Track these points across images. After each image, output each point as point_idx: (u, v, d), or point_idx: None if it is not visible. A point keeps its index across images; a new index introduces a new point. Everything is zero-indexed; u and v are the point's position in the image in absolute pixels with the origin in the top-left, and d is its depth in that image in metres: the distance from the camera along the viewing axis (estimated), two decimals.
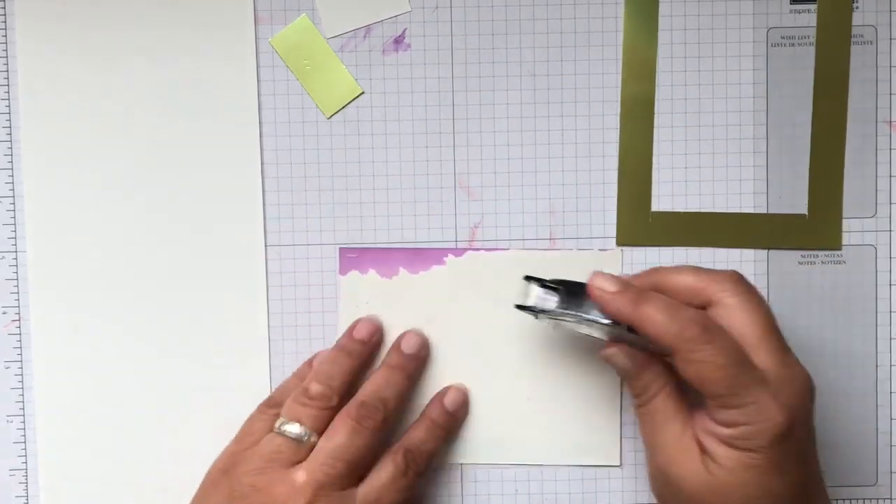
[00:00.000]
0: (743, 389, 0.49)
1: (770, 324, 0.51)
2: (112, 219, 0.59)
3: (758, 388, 0.49)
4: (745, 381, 0.49)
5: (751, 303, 0.51)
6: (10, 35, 0.59)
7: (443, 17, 0.60)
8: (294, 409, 0.55)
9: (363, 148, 0.60)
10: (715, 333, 0.50)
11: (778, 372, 0.50)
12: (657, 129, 0.60)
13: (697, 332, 0.50)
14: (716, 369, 0.49)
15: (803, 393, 0.50)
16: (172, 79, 0.59)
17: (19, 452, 0.60)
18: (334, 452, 0.54)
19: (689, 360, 0.50)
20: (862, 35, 0.59)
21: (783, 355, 0.51)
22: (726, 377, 0.49)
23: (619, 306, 0.52)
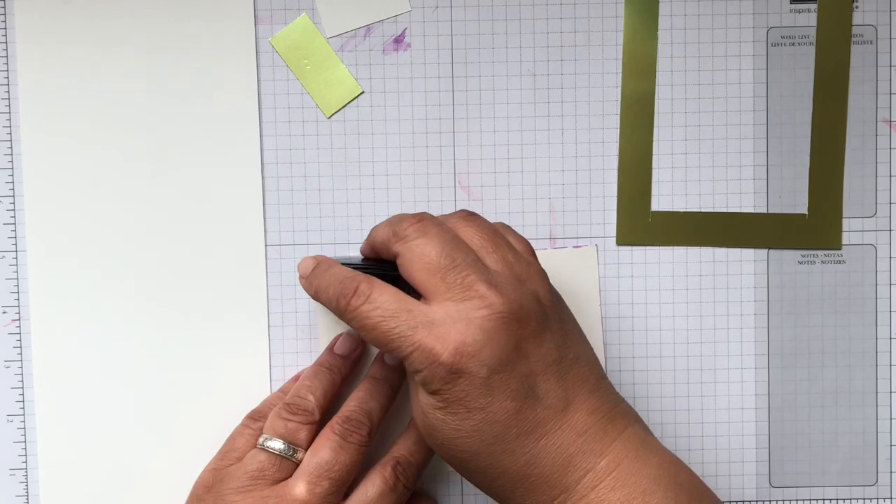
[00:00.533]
0: (399, 340, 0.48)
1: (444, 260, 0.49)
2: (112, 219, 0.59)
3: (417, 334, 0.48)
4: (402, 332, 0.48)
5: (423, 245, 0.50)
6: (10, 35, 0.59)
7: (443, 17, 0.60)
8: (276, 424, 0.55)
9: (363, 148, 0.60)
10: (365, 294, 0.50)
11: (449, 310, 0.48)
12: (657, 129, 0.60)
13: (346, 301, 0.50)
14: (370, 329, 0.49)
15: (480, 325, 0.48)
16: (172, 79, 0.59)
17: (19, 452, 0.60)
18: (319, 469, 0.54)
19: (352, 326, 0.50)
20: (862, 35, 0.59)
21: (460, 290, 0.49)
22: (380, 334, 0.49)
23: (306, 289, 0.55)
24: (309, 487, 0.53)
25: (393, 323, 0.49)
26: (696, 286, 0.60)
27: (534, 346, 0.49)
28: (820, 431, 0.61)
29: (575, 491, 0.49)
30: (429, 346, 0.48)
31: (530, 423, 0.49)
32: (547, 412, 0.49)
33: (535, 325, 0.49)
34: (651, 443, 0.50)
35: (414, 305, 0.49)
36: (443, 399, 0.49)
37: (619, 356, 0.60)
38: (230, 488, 0.54)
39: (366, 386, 0.57)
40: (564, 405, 0.49)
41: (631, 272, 0.60)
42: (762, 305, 0.60)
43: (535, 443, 0.49)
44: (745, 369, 0.60)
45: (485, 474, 0.50)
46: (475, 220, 0.52)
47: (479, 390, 0.48)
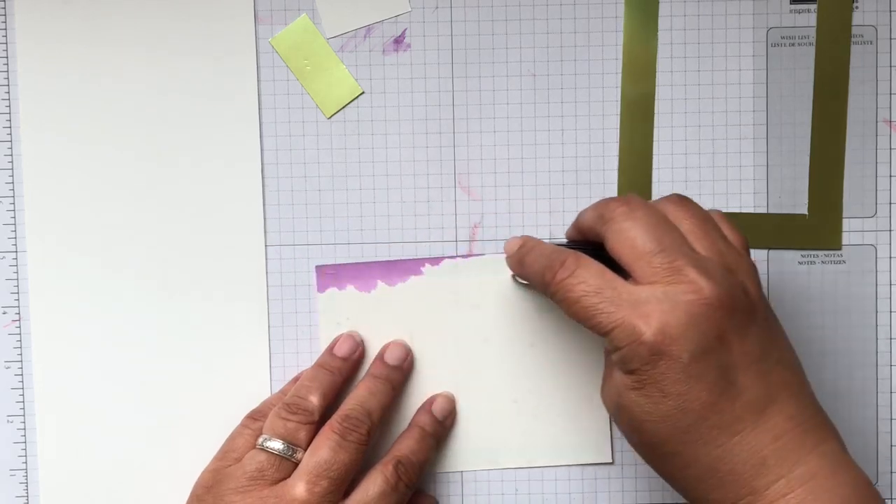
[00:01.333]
0: (601, 316, 0.48)
1: (652, 243, 0.49)
2: (112, 219, 0.59)
3: (620, 311, 0.48)
4: (605, 309, 0.48)
5: (631, 228, 0.49)
6: (10, 35, 0.59)
7: (443, 17, 0.60)
8: (275, 423, 0.55)
9: (363, 148, 0.60)
10: (571, 269, 0.50)
11: (655, 290, 0.48)
12: (657, 129, 0.60)
13: (552, 274, 0.50)
14: (573, 303, 0.49)
15: (686, 309, 0.47)
16: (173, 79, 0.59)
17: (19, 452, 0.60)
18: (318, 469, 0.53)
19: (555, 300, 0.50)
20: (862, 35, 0.59)
21: (668, 273, 0.48)
22: (582, 308, 0.49)
23: (512, 266, 0.56)
24: (308, 487, 0.53)
25: (597, 298, 0.48)
26: None
27: (738, 338, 0.48)
28: None
29: (764, 495, 0.48)
30: (631, 324, 0.47)
31: (727, 417, 0.48)
32: (744, 409, 0.48)
33: (742, 317, 0.48)
34: (847, 462, 0.49)
35: (619, 283, 0.49)
36: (639, 380, 0.48)
37: None
38: (229, 488, 0.54)
39: (366, 384, 0.57)
40: (763, 406, 0.48)
41: None
42: None
43: (728, 438, 0.48)
44: None
45: (672, 462, 0.49)
46: (687, 204, 0.52)
47: (678, 375, 0.47)
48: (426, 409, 0.59)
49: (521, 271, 0.55)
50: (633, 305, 0.48)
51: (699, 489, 0.49)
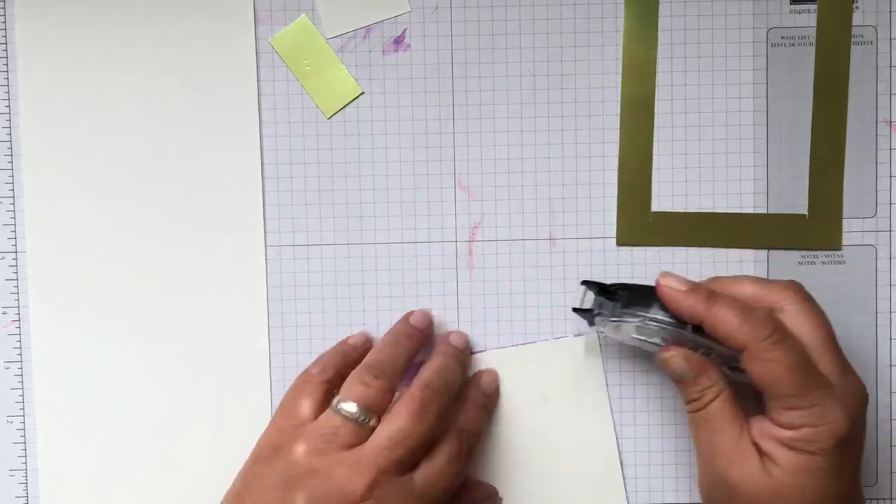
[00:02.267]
0: (810, 391, 0.50)
1: (831, 333, 0.53)
2: (112, 219, 0.59)
3: (823, 392, 0.50)
4: (812, 384, 0.51)
5: (813, 311, 0.53)
6: (10, 35, 0.59)
7: (443, 17, 0.60)
8: (355, 388, 0.53)
9: (363, 148, 0.60)
10: (785, 334, 0.51)
11: (840, 379, 0.51)
12: (657, 129, 0.60)
13: (770, 331, 0.51)
14: (786, 369, 0.51)
15: (862, 402, 0.52)
16: (172, 79, 0.59)
17: (19, 452, 0.60)
18: (397, 437, 0.52)
19: (761, 358, 0.51)
20: (862, 35, 0.59)
21: (843, 364, 0.52)
22: (795, 378, 0.51)
23: (691, 304, 0.53)
24: (385, 454, 0.52)
25: (807, 371, 0.51)
26: None
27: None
28: None
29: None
30: (831, 407, 0.51)
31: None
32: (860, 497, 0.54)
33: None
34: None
35: (814, 364, 0.52)
36: (822, 463, 0.51)
37: (619, 357, 0.60)
38: (302, 451, 0.52)
39: (440, 360, 0.57)
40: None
41: (631, 272, 0.60)
42: None
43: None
44: None
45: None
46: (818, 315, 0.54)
47: (854, 463, 0.52)
48: (475, 384, 0.59)
49: (706, 315, 0.53)
50: (829, 389, 0.51)
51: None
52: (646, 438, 0.60)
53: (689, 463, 0.60)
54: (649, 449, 0.60)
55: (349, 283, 0.60)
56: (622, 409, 0.60)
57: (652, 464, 0.60)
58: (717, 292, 0.53)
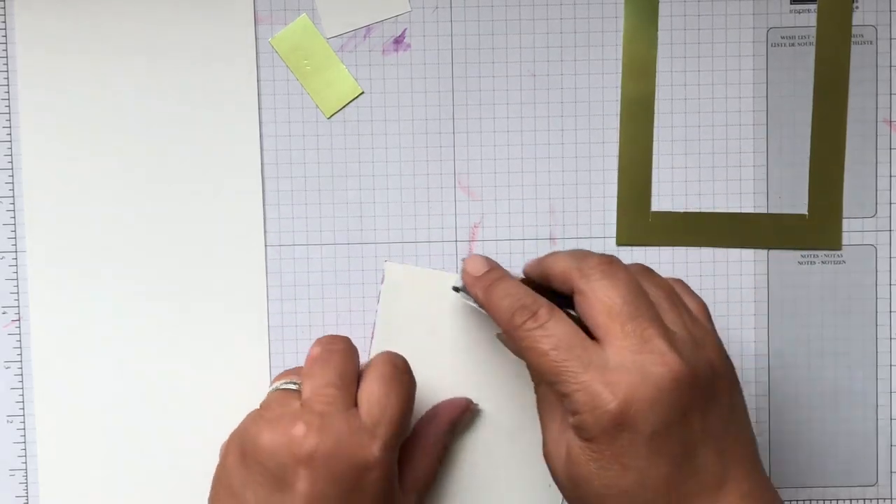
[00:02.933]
0: (566, 375, 0.47)
1: (627, 308, 0.48)
2: (112, 219, 0.59)
3: (586, 375, 0.47)
4: (572, 368, 0.47)
5: (608, 288, 0.49)
6: (10, 35, 0.59)
7: (443, 17, 0.60)
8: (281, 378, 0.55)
9: (363, 148, 0.60)
10: (543, 320, 0.49)
11: (624, 358, 0.47)
12: (657, 129, 0.60)
13: (525, 318, 0.49)
14: (540, 356, 0.48)
15: (655, 382, 0.46)
16: (172, 79, 0.59)
17: (19, 452, 0.60)
18: (318, 381, 0.52)
19: (519, 346, 0.49)
20: (862, 35, 0.59)
21: (638, 342, 0.47)
22: (551, 363, 0.47)
23: (475, 291, 0.53)
24: (316, 399, 0.51)
25: (566, 355, 0.47)
26: (696, 286, 0.60)
27: (700, 415, 0.47)
28: (820, 431, 0.61)
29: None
30: (596, 391, 0.46)
31: (682, 493, 0.47)
32: (700, 486, 0.47)
33: (706, 393, 0.48)
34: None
35: (589, 345, 0.48)
36: (598, 450, 0.47)
37: None
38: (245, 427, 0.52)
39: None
40: (719, 483, 0.47)
41: None
42: (762, 305, 0.60)
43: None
44: (745, 369, 0.60)
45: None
46: (653, 275, 0.51)
47: (639, 450, 0.46)
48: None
49: (484, 301, 0.52)
50: (600, 370, 0.47)
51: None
52: None
53: None
54: None
55: (349, 282, 0.60)
56: None
57: None
58: (503, 278, 0.52)
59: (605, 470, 0.47)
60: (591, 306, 0.49)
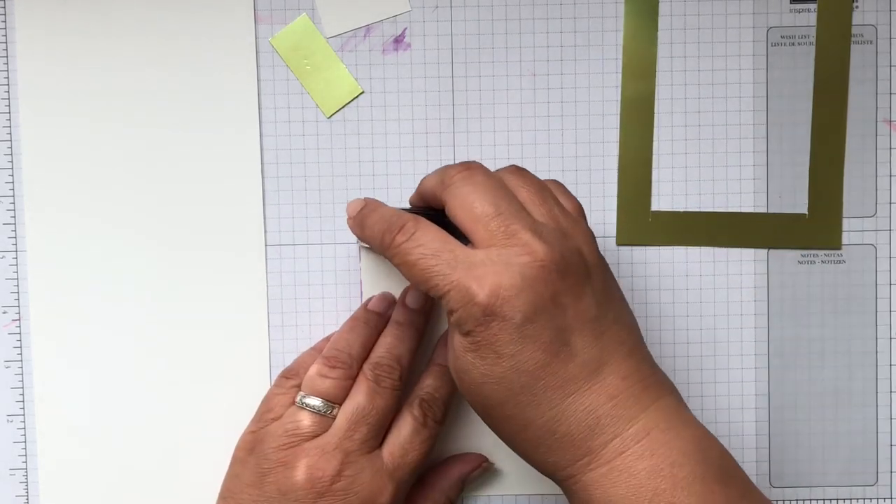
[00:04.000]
0: (437, 279, 0.48)
1: (489, 207, 0.49)
2: (112, 219, 0.59)
3: (455, 274, 0.48)
4: (441, 271, 0.48)
5: (469, 193, 0.50)
6: (10, 35, 0.59)
7: (443, 17, 0.60)
8: (315, 382, 0.55)
9: (363, 148, 0.60)
10: (410, 232, 0.50)
11: (490, 253, 0.48)
12: (657, 129, 0.60)
13: (393, 235, 0.50)
14: (411, 266, 0.49)
15: (520, 271, 0.48)
16: (172, 79, 0.59)
17: (19, 452, 0.60)
18: (355, 417, 0.54)
19: (394, 263, 0.50)
20: (862, 35, 0.59)
21: (503, 237, 0.48)
22: (420, 271, 0.49)
23: (354, 232, 0.55)
24: (347, 434, 0.54)
25: (433, 261, 0.49)
26: (696, 286, 0.60)
27: (572, 300, 0.49)
28: (820, 431, 0.61)
29: (600, 455, 0.48)
30: (465, 286, 0.48)
31: (560, 378, 0.48)
32: (579, 370, 0.48)
33: (576, 279, 0.49)
34: (684, 416, 0.50)
35: (456, 247, 0.49)
36: (474, 342, 0.48)
37: None
38: (271, 447, 0.54)
39: (392, 331, 0.57)
40: (597, 366, 0.49)
41: (631, 272, 0.60)
42: (762, 305, 0.60)
43: (562, 399, 0.48)
44: (745, 369, 0.60)
45: (510, 425, 0.49)
46: (524, 174, 0.52)
47: (511, 336, 0.48)
48: (443, 343, 0.59)
49: (361, 234, 0.54)
50: (468, 268, 0.48)
51: (538, 452, 0.49)
52: None
53: None
54: None
55: (349, 282, 0.60)
56: None
57: None
58: (372, 210, 0.53)
59: (481, 359, 0.48)
60: (456, 213, 0.50)
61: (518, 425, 0.49)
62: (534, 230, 0.49)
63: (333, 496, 0.53)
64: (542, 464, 0.50)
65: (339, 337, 0.57)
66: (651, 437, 0.48)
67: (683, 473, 0.48)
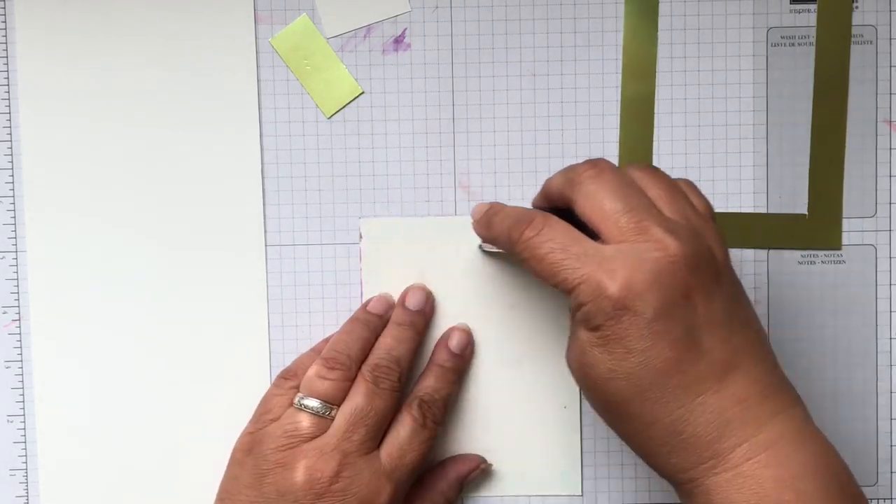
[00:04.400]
0: (567, 272, 0.48)
1: (619, 203, 0.49)
2: (112, 219, 0.59)
3: (586, 267, 0.48)
4: (570, 265, 0.48)
5: (598, 189, 0.49)
6: (10, 35, 0.59)
7: (443, 17, 0.60)
8: (313, 383, 0.55)
9: (363, 148, 0.60)
10: (539, 228, 0.50)
11: (621, 248, 0.48)
12: (657, 129, 0.60)
13: (519, 232, 0.50)
14: (539, 261, 0.49)
15: (652, 266, 0.47)
16: (172, 79, 0.59)
17: (19, 452, 0.60)
18: (354, 418, 0.54)
19: (521, 260, 0.50)
20: (862, 35, 0.59)
21: (634, 232, 0.48)
22: (549, 265, 0.49)
23: (480, 232, 0.55)
24: (346, 436, 0.54)
25: (563, 255, 0.48)
26: None
27: (703, 298, 0.48)
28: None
29: (727, 458, 0.47)
30: (597, 280, 0.47)
31: (690, 376, 0.47)
32: (708, 369, 0.47)
33: (708, 278, 0.48)
34: (811, 429, 0.49)
35: (586, 241, 0.49)
36: (603, 336, 0.47)
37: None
38: (270, 448, 0.54)
39: (391, 332, 0.57)
40: (727, 367, 0.48)
41: None
42: (762, 305, 0.60)
43: (691, 399, 0.47)
44: None
45: (632, 423, 0.49)
46: (654, 172, 0.51)
47: (642, 332, 0.47)
48: (443, 344, 0.59)
49: (487, 233, 0.54)
50: (598, 262, 0.48)
51: (661, 452, 0.49)
52: None
53: None
54: None
55: (349, 282, 0.60)
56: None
57: None
58: (498, 211, 0.53)
59: (609, 354, 0.48)
60: (585, 210, 0.49)
61: (642, 423, 0.48)
62: (665, 226, 0.48)
63: (332, 497, 0.53)
64: (664, 465, 0.49)
65: (338, 338, 0.57)
66: (778, 446, 0.47)
67: (808, 488, 0.47)
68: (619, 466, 0.61)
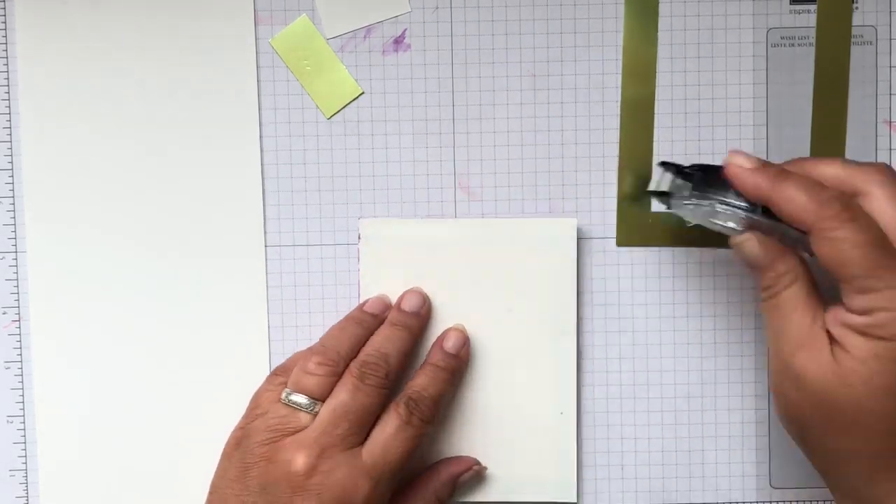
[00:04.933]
0: (882, 271, 0.46)
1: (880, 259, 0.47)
2: (112, 219, 0.60)
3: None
4: (886, 264, 0.46)
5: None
6: (10, 35, 0.59)
7: (443, 17, 0.60)
8: (300, 378, 0.55)
9: (363, 148, 0.60)
10: (856, 212, 0.47)
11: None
12: (657, 129, 0.60)
13: (838, 209, 0.47)
14: (854, 247, 0.47)
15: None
16: (172, 79, 0.59)
17: (19, 452, 0.60)
18: (336, 412, 0.54)
19: (827, 237, 0.47)
20: (862, 35, 0.59)
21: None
22: (865, 256, 0.47)
23: (756, 182, 0.50)
24: (328, 430, 0.53)
25: (880, 252, 0.47)
26: (695, 286, 0.60)
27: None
28: None
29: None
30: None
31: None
32: None
33: None
34: None
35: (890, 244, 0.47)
36: (888, 348, 0.46)
37: (619, 356, 0.60)
38: (255, 442, 0.54)
39: (383, 331, 0.57)
40: None
41: (631, 272, 0.60)
42: None
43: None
44: (745, 370, 0.60)
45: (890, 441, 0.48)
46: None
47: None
48: (438, 344, 0.58)
49: (770, 191, 0.49)
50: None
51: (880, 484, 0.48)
52: (646, 439, 0.60)
53: (689, 462, 0.60)
54: (649, 449, 0.60)
55: (349, 283, 0.60)
56: (622, 409, 0.60)
57: (652, 464, 0.60)
58: (787, 171, 0.50)
59: (891, 365, 0.47)
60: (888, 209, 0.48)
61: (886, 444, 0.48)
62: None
63: (308, 492, 0.53)
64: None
65: (329, 335, 0.57)
66: None
67: None
68: (619, 479, 0.61)
